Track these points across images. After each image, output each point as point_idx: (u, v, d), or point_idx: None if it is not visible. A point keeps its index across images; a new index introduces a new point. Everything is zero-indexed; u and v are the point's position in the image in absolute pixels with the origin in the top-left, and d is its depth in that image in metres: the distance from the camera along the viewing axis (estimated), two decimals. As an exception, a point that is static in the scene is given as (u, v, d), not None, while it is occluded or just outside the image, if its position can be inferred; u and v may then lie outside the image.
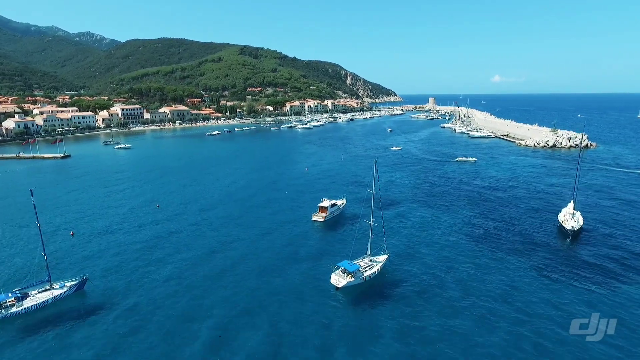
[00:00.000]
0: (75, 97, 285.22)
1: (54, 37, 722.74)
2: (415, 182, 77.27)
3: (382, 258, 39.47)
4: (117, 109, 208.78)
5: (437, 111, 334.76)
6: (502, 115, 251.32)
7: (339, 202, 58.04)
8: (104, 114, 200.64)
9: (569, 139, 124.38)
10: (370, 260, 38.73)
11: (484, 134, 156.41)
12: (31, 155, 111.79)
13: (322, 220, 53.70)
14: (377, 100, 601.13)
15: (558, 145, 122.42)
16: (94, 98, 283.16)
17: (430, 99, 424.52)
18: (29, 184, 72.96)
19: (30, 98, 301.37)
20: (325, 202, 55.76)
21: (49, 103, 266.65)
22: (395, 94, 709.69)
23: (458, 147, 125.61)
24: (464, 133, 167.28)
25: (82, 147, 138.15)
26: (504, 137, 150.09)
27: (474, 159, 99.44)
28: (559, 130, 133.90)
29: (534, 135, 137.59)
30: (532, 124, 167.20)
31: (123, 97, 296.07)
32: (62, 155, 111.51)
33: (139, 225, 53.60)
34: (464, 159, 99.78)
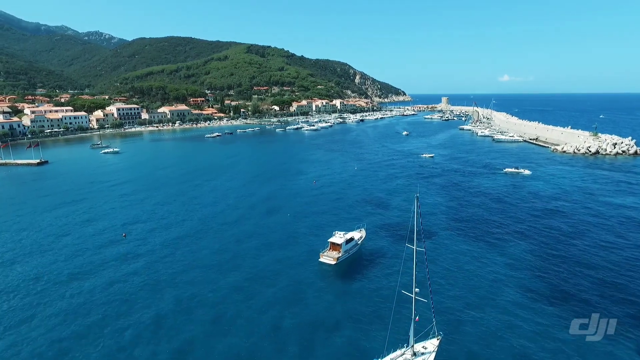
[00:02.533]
0: (76, 97, 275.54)
1: (62, 36, 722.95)
2: (451, 202, 61.58)
3: (432, 346, 25.21)
4: (112, 108, 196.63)
5: (451, 111, 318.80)
6: (521, 116, 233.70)
7: (356, 235, 43.69)
8: (99, 114, 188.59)
9: (614, 144, 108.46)
10: (414, 353, 24.52)
11: (511, 138, 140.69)
12: (3, 161, 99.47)
13: (334, 262, 39.45)
14: (386, 99, 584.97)
15: (602, 151, 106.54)
16: (94, 97, 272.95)
17: (443, 99, 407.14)
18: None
19: (29, 97, 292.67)
20: (339, 237, 41.48)
21: (47, 102, 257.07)
22: (404, 94, 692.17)
23: (487, 154, 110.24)
24: (487, 136, 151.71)
25: (64, 152, 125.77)
26: (533, 142, 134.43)
27: (526, 171, 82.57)
28: (600, 134, 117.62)
29: (570, 139, 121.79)
30: (563, 127, 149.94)
31: (124, 97, 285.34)
32: (37, 161, 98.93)
33: (88, 263, 39.97)
34: (514, 170, 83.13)
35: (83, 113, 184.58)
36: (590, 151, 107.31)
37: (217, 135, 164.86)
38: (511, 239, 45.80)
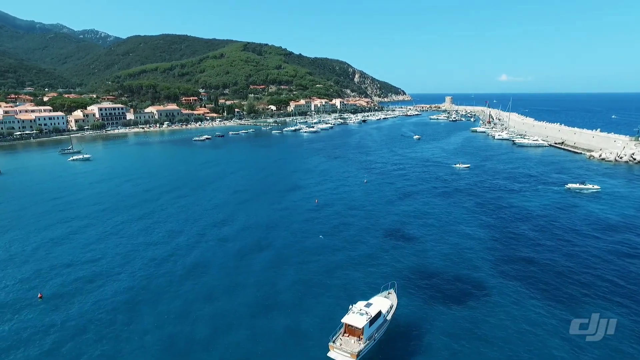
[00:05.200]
0: (63, 96, 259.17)
1: (56, 35, 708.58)
2: (497, 234, 46.19)
3: None
4: (94, 108, 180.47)
5: (457, 111, 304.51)
6: (531, 116, 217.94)
7: (384, 306, 27.89)
8: (78, 114, 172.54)
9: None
10: None
11: (535, 142, 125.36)
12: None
13: (353, 360, 24.34)
14: (386, 99, 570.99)
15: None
16: (82, 96, 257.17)
17: (447, 98, 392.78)
18: None
19: (12, 96, 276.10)
20: (358, 314, 25.82)
21: (30, 101, 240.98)
22: (404, 93, 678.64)
23: (518, 161, 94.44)
24: (506, 140, 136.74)
25: (27, 158, 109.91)
26: (560, 146, 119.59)
27: (596, 187, 64.88)
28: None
29: (605, 144, 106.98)
30: (581, 128, 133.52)
31: (112, 95, 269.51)
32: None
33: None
34: (579, 185, 65.56)
35: (60, 113, 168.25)
36: (634, 159, 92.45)
37: (207, 138, 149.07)
38: (576, 278, 30.78)
